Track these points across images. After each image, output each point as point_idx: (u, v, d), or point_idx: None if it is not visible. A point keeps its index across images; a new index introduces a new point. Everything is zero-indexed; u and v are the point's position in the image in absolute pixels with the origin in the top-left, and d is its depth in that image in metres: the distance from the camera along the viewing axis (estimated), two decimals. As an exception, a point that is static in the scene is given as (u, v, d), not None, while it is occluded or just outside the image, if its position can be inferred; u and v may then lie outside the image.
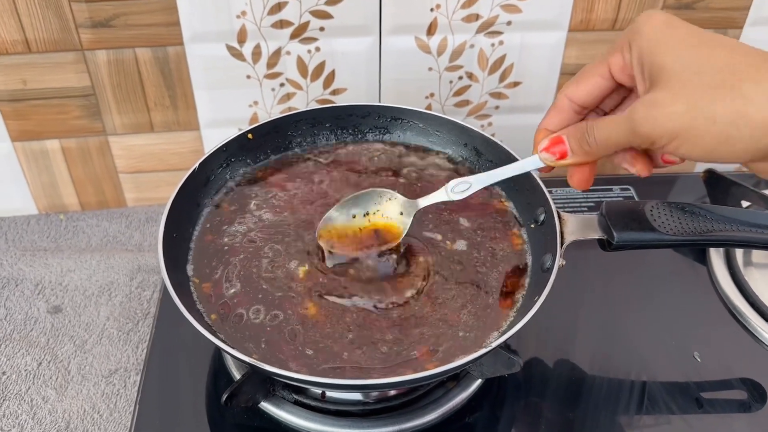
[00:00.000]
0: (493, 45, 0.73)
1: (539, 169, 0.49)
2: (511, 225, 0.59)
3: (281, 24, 0.69)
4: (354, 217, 0.55)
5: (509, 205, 0.60)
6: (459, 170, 0.63)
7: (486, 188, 0.58)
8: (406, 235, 0.54)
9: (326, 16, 0.69)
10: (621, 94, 0.47)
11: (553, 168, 0.48)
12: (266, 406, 0.54)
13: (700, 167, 0.84)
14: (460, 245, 0.57)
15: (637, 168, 0.46)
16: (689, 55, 0.39)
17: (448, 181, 0.53)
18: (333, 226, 0.55)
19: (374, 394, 0.54)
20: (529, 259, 0.56)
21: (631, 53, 0.42)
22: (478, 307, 0.53)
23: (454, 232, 0.58)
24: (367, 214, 0.55)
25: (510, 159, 0.60)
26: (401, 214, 0.55)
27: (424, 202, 0.54)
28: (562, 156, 0.46)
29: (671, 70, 0.39)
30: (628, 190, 0.77)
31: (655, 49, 0.40)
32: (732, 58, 0.38)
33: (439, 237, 0.58)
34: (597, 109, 0.48)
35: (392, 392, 0.55)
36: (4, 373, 0.62)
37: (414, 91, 0.76)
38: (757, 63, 0.37)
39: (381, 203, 0.55)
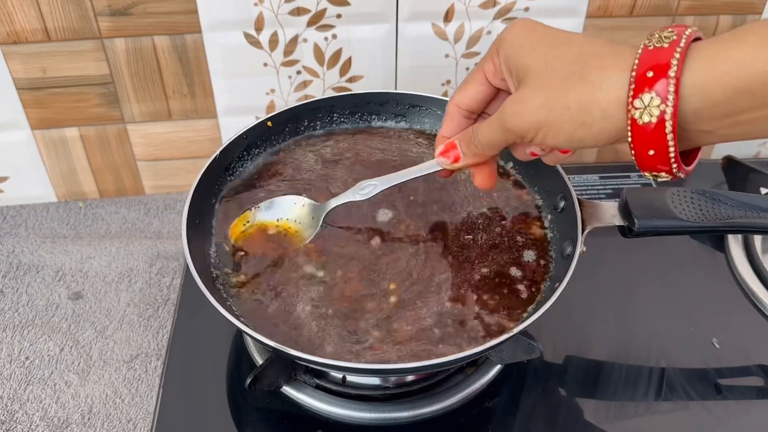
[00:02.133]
0: (510, 31, 0.73)
1: (439, 174, 0.52)
2: (532, 212, 0.59)
3: (298, 11, 0.69)
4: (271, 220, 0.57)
5: (536, 197, 0.60)
6: None
7: (508, 177, 0.58)
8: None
9: (343, 3, 0.69)
10: (502, 97, 0.50)
11: (452, 172, 0.52)
12: (288, 390, 0.54)
13: (718, 154, 0.83)
14: (485, 233, 0.57)
15: (476, 180, 0.51)
16: (546, 54, 0.42)
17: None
18: (248, 226, 0.57)
19: (394, 378, 0.55)
20: (549, 246, 0.56)
21: (499, 58, 0.46)
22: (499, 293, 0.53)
23: (475, 223, 0.58)
24: (279, 220, 0.57)
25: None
26: (312, 218, 0.56)
27: (334, 203, 0.56)
28: (456, 159, 0.50)
29: (531, 69, 0.43)
30: (646, 177, 0.77)
31: (518, 52, 0.44)
32: (581, 51, 0.41)
33: (461, 222, 0.58)
34: (484, 113, 0.51)
35: (411, 377, 0.55)
36: (27, 358, 0.63)
37: (431, 78, 0.76)
38: (602, 53, 0.41)
39: (294, 210, 0.57)
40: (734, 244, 0.68)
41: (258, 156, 0.63)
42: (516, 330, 0.48)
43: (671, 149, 0.38)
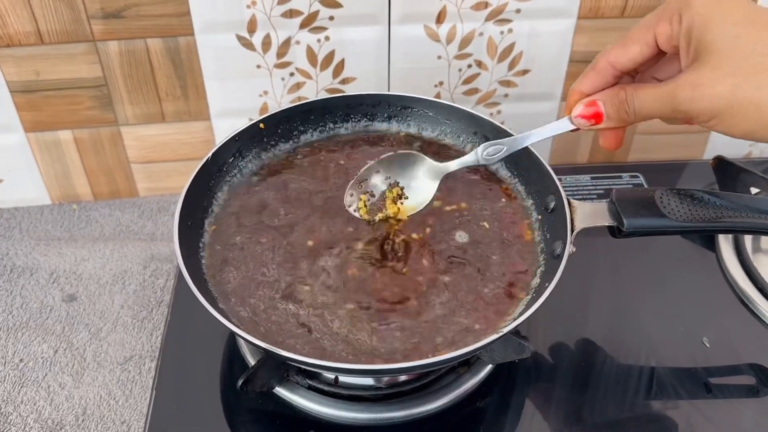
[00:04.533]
0: (502, 33, 0.73)
1: (572, 131, 0.49)
2: (522, 213, 0.59)
3: (291, 13, 0.69)
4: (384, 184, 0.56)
5: (525, 199, 0.60)
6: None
7: (498, 178, 0.59)
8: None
9: (336, 5, 0.69)
10: (657, 59, 0.47)
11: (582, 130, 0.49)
12: (280, 391, 0.54)
13: (709, 154, 0.84)
14: (468, 235, 0.58)
15: (604, 140, 0.47)
16: (737, 34, 0.38)
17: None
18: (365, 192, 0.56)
19: (386, 379, 0.55)
20: (539, 247, 0.57)
21: (681, 25, 0.41)
22: (489, 293, 0.53)
23: (465, 222, 0.59)
24: (397, 183, 0.56)
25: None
26: (429, 178, 0.55)
27: (454, 166, 0.53)
28: (597, 121, 0.46)
29: (717, 49, 0.38)
30: (638, 177, 0.78)
31: (704, 24, 0.39)
32: None
33: (449, 227, 0.58)
34: (633, 74, 0.48)
35: (404, 377, 0.55)
36: (21, 361, 0.63)
37: (423, 79, 0.76)
38: None
39: (411, 168, 0.56)
40: (725, 243, 0.68)
41: (250, 158, 0.63)
42: (506, 330, 0.48)
43: None
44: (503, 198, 0.61)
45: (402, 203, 0.57)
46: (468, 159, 0.53)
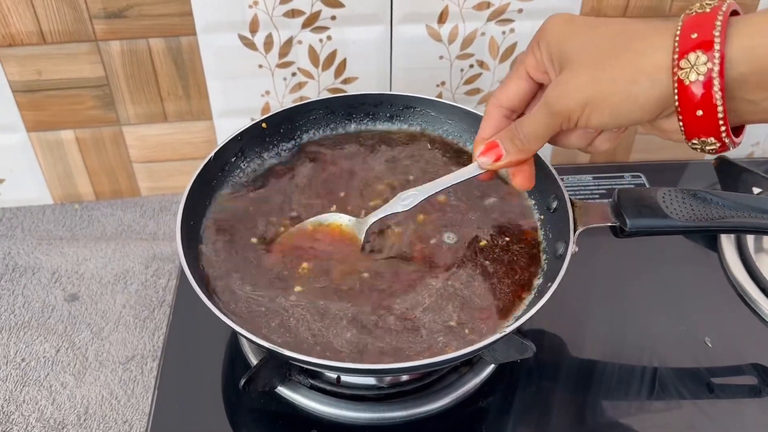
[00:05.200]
0: (504, 33, 0.73)
1: (479, 177, 0.51)
2: (524, 213, 0.59)
3: (293, 13, 0.69)
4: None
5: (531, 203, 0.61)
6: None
7: (501, 178, 0.59)
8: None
9: (338, 5, 0.69)
10: (536, 91, 0.50)
11: (493, 174, 0.51)
12: (282, 390, 0.54)
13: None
14: (471, 235, 0.58)
15: (516, 180, 0.50)
16: (587, 36, 0.43)
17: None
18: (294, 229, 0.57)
19: (388, 378, 0.55)
20: (542, 246, 0.57)
21: (541, 51, 0.46)
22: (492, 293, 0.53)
23: (468, 222, 0.59)
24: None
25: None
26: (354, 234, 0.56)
27: (373, 218, 0.55)
28: (498, 157, 0.49)
29: (573, 52, 0.43)
30: (639, 177, 0.78)
31: (559, 41, 0.44)
32: (622, 28, 0.42)
33: (451, 229, 0.58)
34: (524, 113, 0.51)
35: (406, 377, 0.55)
36: (23, 360, 0.63)
37: (425, 79, 0.76)
38: (643, 27, 0.41)
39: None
40: (727, 243, 0.68)
41: (252, 157, 0.63)
42: (509, 329, 0.48)
43: (719, 108, 0.38)
44: (506, 197, 0.60)
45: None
46: (386, 209, 0.54)
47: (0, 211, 0.79)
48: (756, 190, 0.70)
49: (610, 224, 0.53)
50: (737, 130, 0.41)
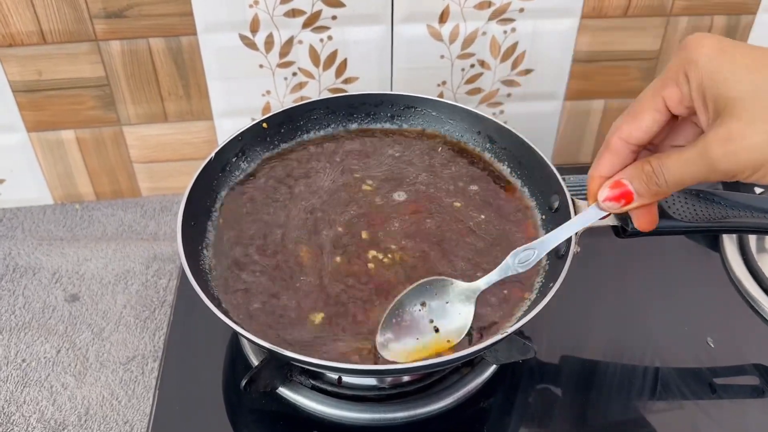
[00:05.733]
0: (505, 32, 0.73)
1: (601, 219, 0.47)
2: (526, 213, 0.59)
3: (293, 13, 0.69)
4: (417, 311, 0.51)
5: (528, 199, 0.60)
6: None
7: (498, 176, 0.58)
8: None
9: (338, 4, 0.69)
10: (670, 125, 0.45)
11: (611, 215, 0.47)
12: (283, 391, 0.54)
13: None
14: (474, 235, 0.57)
15: (639, 221, 0.46)
16: (755, 81, 0.37)
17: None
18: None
19: (389, 379, 0.55)
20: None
21: (690, 85, 0.40)
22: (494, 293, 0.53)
23: (472, 222, 0.58)
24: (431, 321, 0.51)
25: (524, 146, 0.60)
26: (461, 302, 0.51)
27: (485, 283, 0.50)
28: (628, 201, 0.43)
29: (739, 100, 0.38)
30: (641, 177, 0.77)
31: (716, 79, 0.39)
32: None
33: (454, 223, 0.58)
34: (650, 146, 0.46)
35: (407, 378, 0.55)
36: (24, 361, 0.63)
37: (426, 79, 0.76)
38: None
39: (441, 294, 0.51)
40: (729, 243, 0.68)
41: (253, 157, 0.63)
42: (511, 330, 0.48)
43: None
44: (508, 197, 0.60)
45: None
46: (502, 271, 0.49)
47: (0, 212, 0.79)
48: (758, 190, 0.69)
49: (612, 224, 0.53)
50: None
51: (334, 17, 0.70)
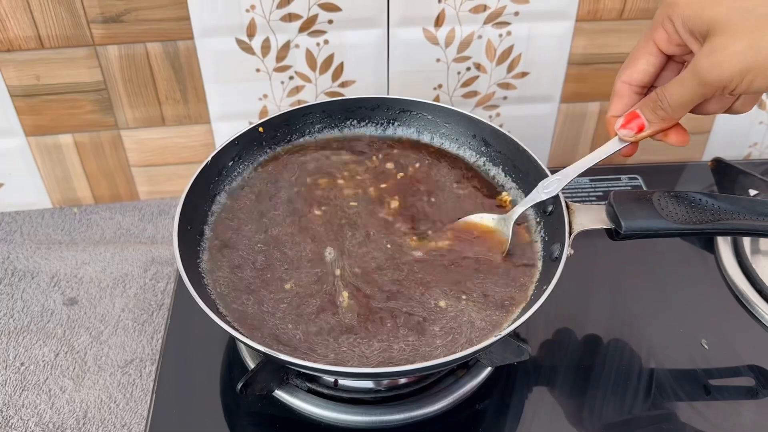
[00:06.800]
0: (500, 36, 0.73)
1: (622, 153, 0.51)
2: (520, 216, 0.59)
3: (290, 17, 0.69)
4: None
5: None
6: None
7: (491, 182, 0.59)
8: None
9: (334, 8, 0.69)
10: (673, 69, 0.50)
11: (635, 149, 0.51)
12: (280, 394, 0.55)
13: (708, 156, 0.84)
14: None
15: (672, 139, 0.49)
16: (732, 5, 0.41)
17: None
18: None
19: (385, 382, 0.55)
20: (538, 249, 0.57)
21: (674, 25, 0.45)
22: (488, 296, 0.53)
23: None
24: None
25: (519, 150, 0.60)
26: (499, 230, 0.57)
27: (520, 209, 0.56)
28: (641, 128, 0.49)
29: (721, 19, 0.42)
30: (636, 179, 0.78)
31: (698, 10, 0.43)
32: None
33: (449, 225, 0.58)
34: (653, 87, 0.50)
35: (403, 380, 0.56)
36: (22, 364, 0.63)
37: (422, 82, 0.76)
38: None
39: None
40: (723, 245, 0.68)
41: (249, 161, 0.63)
42: (505, 332, 0.48)
43: None
44: (502, 200, 0.61)
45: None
46: (530, 198, 0.55)
47: (-1, 216, 0.79)
48: (752, 192, 0.70)
49: (605, 227, 0.54)
50: None
51: (330, 21, 0.70)
